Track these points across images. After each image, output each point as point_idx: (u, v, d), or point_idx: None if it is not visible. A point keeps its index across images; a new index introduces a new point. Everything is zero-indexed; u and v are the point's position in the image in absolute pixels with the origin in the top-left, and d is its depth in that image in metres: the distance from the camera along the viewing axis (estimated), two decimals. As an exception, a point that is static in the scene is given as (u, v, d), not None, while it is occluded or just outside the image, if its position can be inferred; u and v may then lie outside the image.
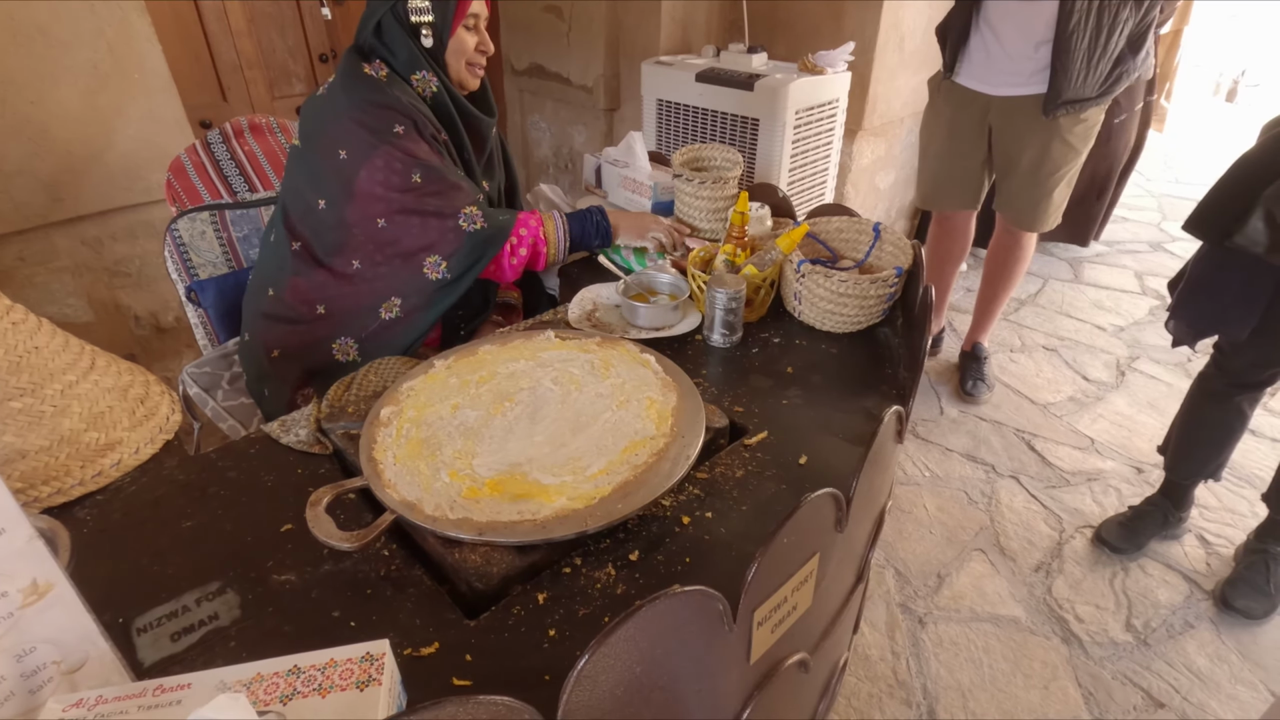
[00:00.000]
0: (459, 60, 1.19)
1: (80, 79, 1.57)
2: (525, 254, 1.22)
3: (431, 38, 1.14)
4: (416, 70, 1.16)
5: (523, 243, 1.21)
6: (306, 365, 1.18)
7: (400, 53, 1.14)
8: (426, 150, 1.14)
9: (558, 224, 1.25)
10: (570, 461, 0.80)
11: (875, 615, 1.53)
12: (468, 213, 1.15)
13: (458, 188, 1.16)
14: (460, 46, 1.18)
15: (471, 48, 1.19)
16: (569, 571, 0.72)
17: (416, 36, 1.14)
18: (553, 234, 1.24)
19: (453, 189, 1.15)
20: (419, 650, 0.63)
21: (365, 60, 1.14)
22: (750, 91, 2.02)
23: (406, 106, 1.12)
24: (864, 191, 2.79)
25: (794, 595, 0.66)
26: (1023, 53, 1.76)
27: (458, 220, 1.14)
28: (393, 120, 1.10)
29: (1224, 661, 1.44)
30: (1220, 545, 1.70)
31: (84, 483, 0.80)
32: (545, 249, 1.24)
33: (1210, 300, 1.40)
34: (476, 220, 1.15)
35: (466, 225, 1.15)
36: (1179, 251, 3.26)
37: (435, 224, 1.14)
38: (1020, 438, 2.07)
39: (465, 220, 1.15)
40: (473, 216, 1.15)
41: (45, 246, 1.66)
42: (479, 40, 1.20)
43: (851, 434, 0.92)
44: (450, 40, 1.16)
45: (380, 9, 1.12)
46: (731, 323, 1.09)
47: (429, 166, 1.13)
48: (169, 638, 0.65)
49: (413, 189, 1.12)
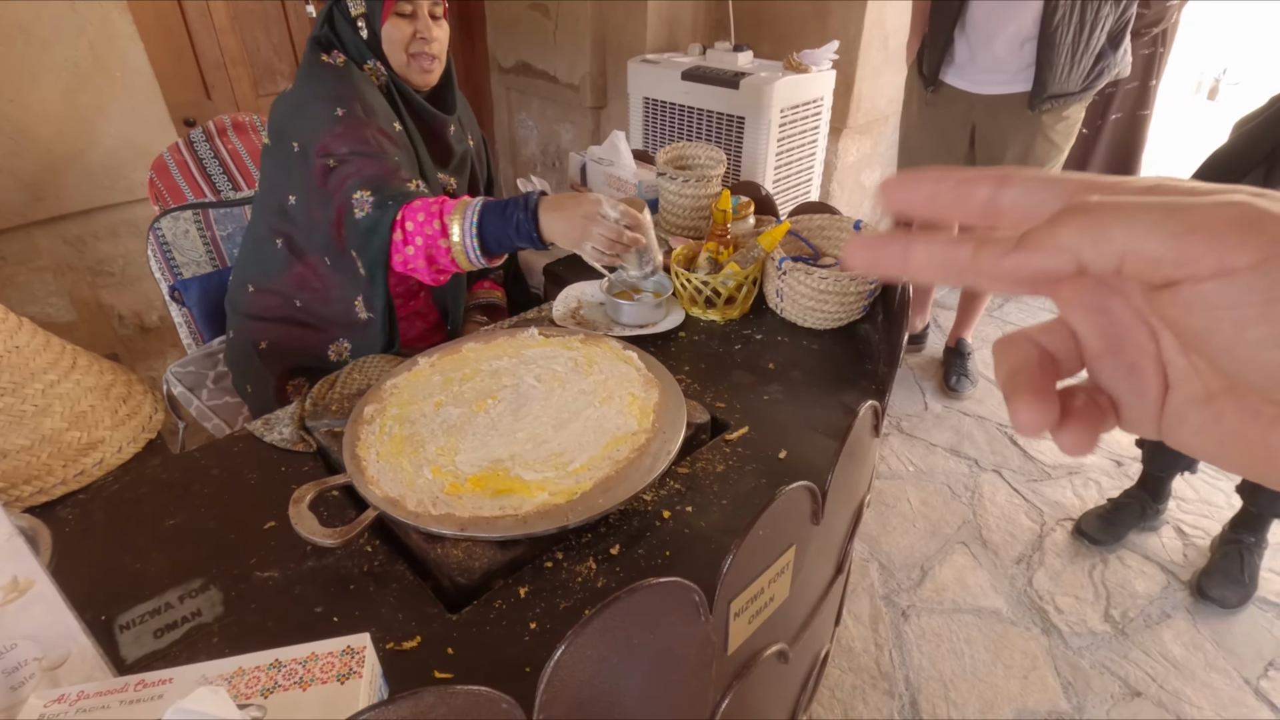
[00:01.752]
0: (396, 51, 1.12)
1: (61, 77, 1.56)
2: (422, 245, 0.99)
3: (366, 28, 1.11)
4: (366, 59, 1.13)
5: (413, 235, 0.99)
6: (292, 362, 1.18)
7: (349, 43, 1.12)
8: (358, 134, 1.05)
9: (466, 219, 0.98)
10: (552, 457, 0.81)
11: (859, 608, 1.55)
12: (359, 197, 1.01)
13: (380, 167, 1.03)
14: (394, 36, 1.11)
15: (406, 37, 1.11)
16: (550, 566, 0.73)
17: (356, 28, 1.11)
18: (456, 230, 0.98)
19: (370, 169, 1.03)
20: (401, 644, 0.64)
21: (324, 51, 1.12)
22: (735, 90, 2.03)
23: (354, 89, 1.08)
24: (849, 189, 2.81)
25: (771, 586, 0.67)
26: (1008, 50, 1.79)
27: (352, 207, 1.02)
28: (335, 104, 1.06)
29: (1199, 650, 1.47)
30: (1197, 536, 1.73)
31: (66, 482, 0.80)
32: (446, 245, 0.99)
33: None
34: (365, 205, 1.01)
35: (358, 211, 1.02)
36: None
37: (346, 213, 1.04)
38: (1003, 432, 2.10)
39: (357, 205, 1.02)
40: (362, 201, 1.01)
41: (26, 245, 1.64)
42: (417, 29, 1.11)
43: (831, 429, 0.94)
44: (382, 30, 1.11)
45: (329, 3, 1.12)
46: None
47: (351, 152, 1.04)
48: (152, 634, 0.65)
49: (334, 174, 1.04)
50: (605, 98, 2.78)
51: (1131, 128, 2.73)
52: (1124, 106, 2.67)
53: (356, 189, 1.02)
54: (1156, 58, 2.57)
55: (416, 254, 1.00)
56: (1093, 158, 2.76)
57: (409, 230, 0.99)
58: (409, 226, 0.99)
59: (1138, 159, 2.78)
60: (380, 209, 1.01)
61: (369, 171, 1.03)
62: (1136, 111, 2.69)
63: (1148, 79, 2.59)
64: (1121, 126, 2.73)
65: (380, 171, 1.03)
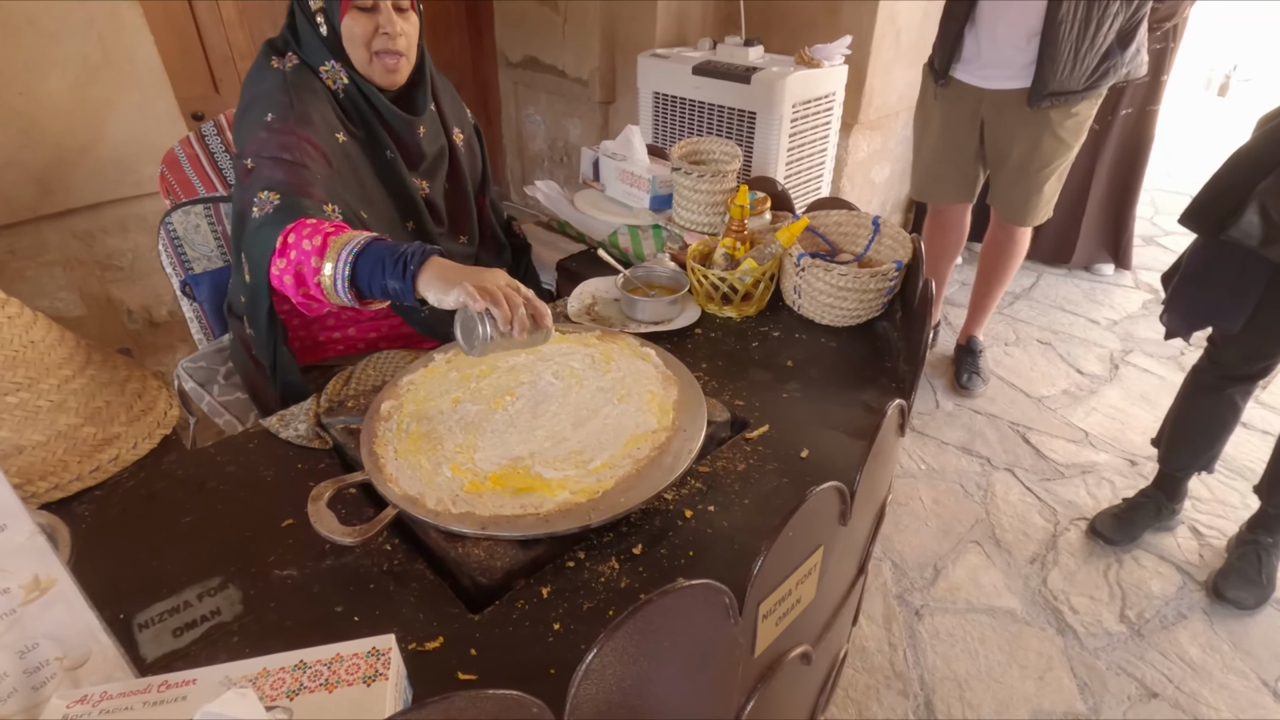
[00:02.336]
0: (357, 48, 1.04)
1: (70, 71, 1.55)
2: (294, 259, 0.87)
3: (325, 24, 1.04)
4: (324, 61, 1.06)
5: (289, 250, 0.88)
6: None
7: (307, 43, 1.06)
8: (285, 140, 0.98)
9: (346, 250, 0.84)
10: (572, 455, 0.80)
11: (872, 607, 1.54)
12: (262, 197, 0.93)
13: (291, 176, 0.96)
14: (353, 31, 1.03)
15: (368, 33, 1.03)
16: (572, 565, 0.72)
17: (316, 24, 1.05)
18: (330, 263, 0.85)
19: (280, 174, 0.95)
20: (423, 645, 0.63)
21: (278, 55, 1.08)
22: (747, 85, 2.01)
23: (289, 97, 1.02)
24: (859, 185, 2.80)
25: (798, 588, 0.66)
26: (1015, 44, 1.76)
27: (253, 207, 0.93)
28: (265, 109, 1.00)
29: (1216, 651, 1.45)
30: (1213, 537, 1.72)
31: (82, 478, 0.79)
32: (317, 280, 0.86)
33: (1204, 293, 1.41)
34: (267, 206, 0.92)
35: (258, 211, 0.92)
36: (1171, 245, 3.28)
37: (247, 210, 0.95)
38: (1015, 431, 2.08)
39: (258, 206, 0.93)
40: (265, 202, 0.93)
41: (35, 240, 1.64)
42: (378, 24, 1.03)
43: (851, 427, 0.93)
44: (341, 25, 1.03)
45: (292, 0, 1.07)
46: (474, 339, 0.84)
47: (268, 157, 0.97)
48: (171, 633, 0.64)
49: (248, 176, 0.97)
50: (614, 93, 2.76)
51: (1141, 123, 2.70)
52: (1134, 101, 2.65)
53: (264, 188, 0.94)
54: (1167, 52, 2.54)
55: (288, 267, 0.88)
56: (1102, 153, 2.74)
57: (290, 242, 0.89)
58: (290, 239, 0.89)
59: (1146, 154, 2.76)
60: (279, 213, 0.92)
61: (280, 176, 0.95)
62: (1146, 106, 2.66)
63: (1158, 74, 2.56)
64: (1131, 122, 2.70)
65: (292, 179, 0.96)
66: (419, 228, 1.20)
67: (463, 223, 1.30)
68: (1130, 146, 2.75)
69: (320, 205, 0.97)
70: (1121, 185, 2.82)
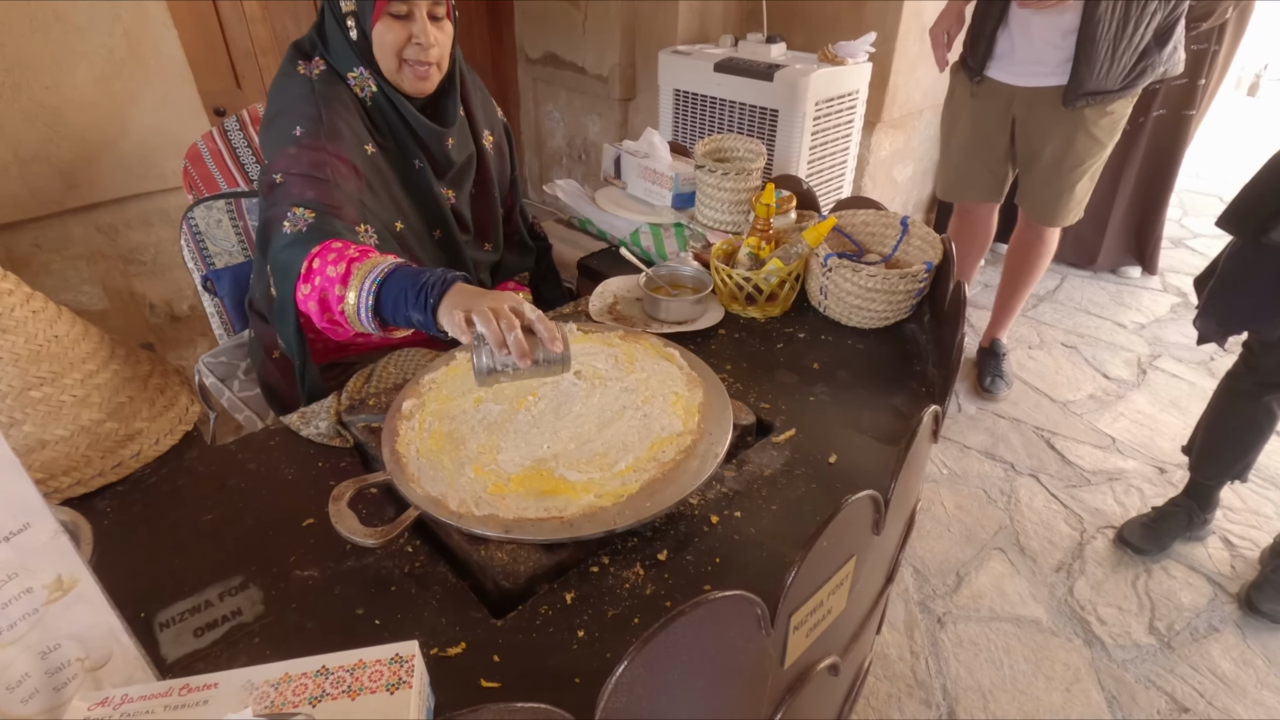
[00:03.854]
0: (388, 57, 1.02)
1: (96, 65, 1.55)
2: (319, 285, 0.87)
3: (356, 30, 1.01)
4: (352, 67, 1.03)
5: (314, 275, 0.88)
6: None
7: (336, 48, 1.03)
8: (316, 158, 0.97)
9: (370, 277, 0.83)
10: (596, 458, 0.78)
11: (894, 614, 1.51)
12: (295, 214, 0.92)
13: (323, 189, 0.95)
14: (385, 39, 1.00)
15: (400, 42, 1.00)
16: (596, 570, 0.70)
17: (346, 29, 1.02)
18: (354, 291, 0.84)
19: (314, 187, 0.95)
20: (445, 650, 0.62)
21: (305, 58, 1.06)
22: (770, 82, 1.99)
23: (317, 108, 1.00)
24: (881, 184, 2.76)
25: (830, 599, 0.64)
26: (1049, 41, 1.72)
27: (283, 223, 0.92)
28: (295, 122, 0.99)
29: (1250, 666, 1.41)
30: (1245, 548, 1.67)
31: (104, 473, 0.79)
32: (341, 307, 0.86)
33: (1242, 297, 1.37)
34: (299, 223, 0.92)
35: (289, 228, 0.92)
36: (1200, 248, 3.21)
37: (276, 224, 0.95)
38: (1039, 435, 2.04)
39: (290, 222, 0.92)
40: (297, 219, 0.92)
41: (61, 233, 1.65)
42: (411, 33, 1.00)
43: (881, 432, 0.90)
44: (373, 32, 1.00)
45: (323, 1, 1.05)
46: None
47: (299, 174, 0.96)
48: (192, 633, 0.63)
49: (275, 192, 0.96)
50: (634, 89, 2.74)
51: (1175, 126, 2.62)
52: (1168, 103, 2.57)
53: (298, 204, 0.93)
54: (1208, 55, 2.46)
55: (313, 292, 0.88)
56: (1132, 155, 2.68)
57: (314, 267, 0.88)
58: (315, 264, 0.88)
59: (1178, 159, 2.68)
60: (311, 231, 0.91)
61: (312, 195, 0.95)
62: (1182, 110, 2.59)
63: (1195, 77, 2.49)
64: (1164, 124, 2.63)
65: (324, 199, 0.95)
66: (446, 236, 1.19)
67: (488, 230, 1.29)
68: (1162, 150, 2.67)
69: (352, 226, 0.97)
70: (1150, 189, 2.75)
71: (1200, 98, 2.56)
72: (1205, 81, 2.52)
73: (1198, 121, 2.66)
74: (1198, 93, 2.53)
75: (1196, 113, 2.58)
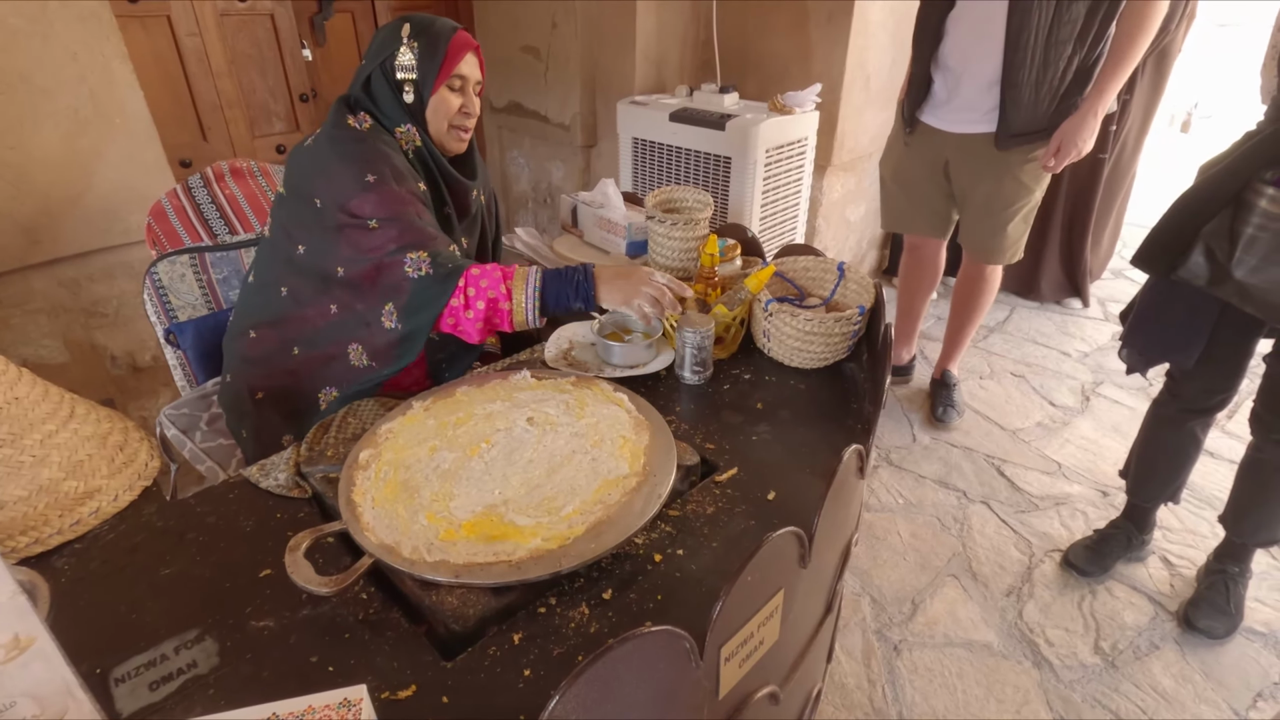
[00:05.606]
0: (439, 120, 1.19)
1: (61, 124, 1.59)
2: (483, 309, 1.09)
3: (413, 94, 1.16)
4: (401, 124, 1.17)
5: (474, 300, 1.09)
6: (289, 408, 1.19)
7: (385, 106, 1.17)
8: (395, 197, 1.10)
9: (529, 284, 1.11)
10: (545, 502, 0.82)
11: (851, 643, 1.55)
12: (414, 258, 1.09)
13: (421, 234, 1.11)
14: (441, 106, 1.18)
15: (454, 109, 1.19)
16: (544, 611, 0.74)
17: (400, 92, 1.16)
18: (520, 295, 1.10)
19: (413, 235, 1.10)
20: (396, 693, 0.65)
21: (351, 112, 1.16)
22: (722, 131, 2.09)
23: (382, 155, 1.12)
24: (835, 224, 2.88)
25: (760, 630, 0.69)
26: (977, 91, 1.84)
27: (404, 267, 1.09)
28: (365, 170, 1.10)
29: (1188, 681, 1.47)
30: (1183, 566, 1.75)
31: (62, 531, 0.80)
32: (508, 308, 1.11)
33: (1158, 329, 1.47)
34: (422, 266, 1.09)
35: (412, 271, 1.09)
36: (1138, 278, 3.36)
37: (389, 272, 1.10)
38: (990, 463, 2.12)
39: (411, 266, 1.09)
40: (419, 262, 1.09)
41: (22, 289, 1.66)
42: (464, 103, 1.19)
43: (819, 468, 0.96)
44: (431, 99, 1.17)
45: (371, 65, 1.16)
46: (703, 359, 1.12)
47: (390, 217, 1.09)
48: (147, 687, 0.65)
49: (373, 235, 1.09)
50: (595, 136, 2.84)
51: (1090, 169, 2.78)
52: None
53: (409, 250, 1.09)
54: (1120, 103, 2.64)
55: (476, 317, 1.10)
56: (1057, 196, 2.85)
57: (470, 296, 1.09)
58: (471, 292, 1.09)
59: (1094, 199, 2.85)
60: (443, 271, 1.08)
61: (412, 236, 1.10)
62: (1096, 154, 2.75)
63: (1108, 123, 2.66)
64: (1081, 167, 2.77)
65: (423, 237, 1.11)
66: None
67: None
68: (1081, 190, 2.86)
69: (452, 249, 1.14)
70: (1074, 227, 2.93)
71: (1112, 143, 2.73)
72: (1116, 127, 2.70)
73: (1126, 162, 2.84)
74: (1109, 138, 2.70)
75: (1109, 156, 2.75)
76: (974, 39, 1.78)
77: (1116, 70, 1.73)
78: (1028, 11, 1.67)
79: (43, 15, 1.51)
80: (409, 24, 1.15)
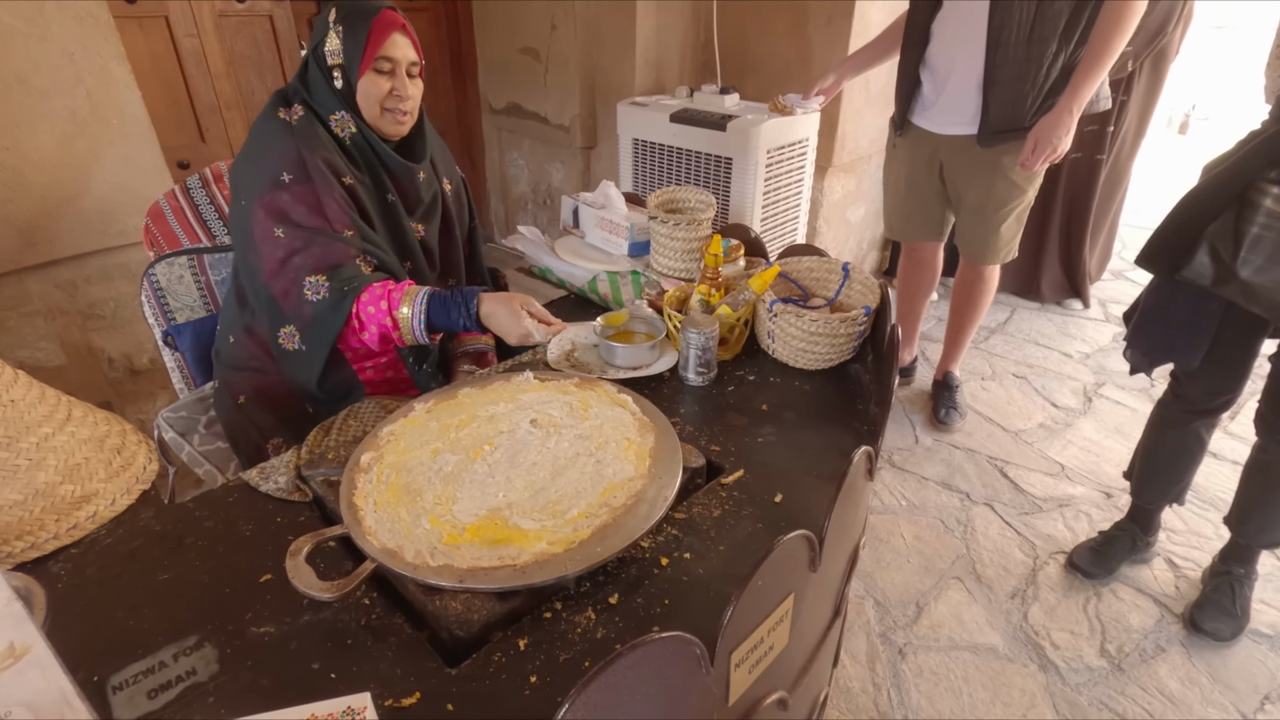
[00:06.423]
0: (371, 104, 1.15)
1: (58, 125, 1.58)
2: (375, 333, 1.12)
3: (341, 80, 1.13)
4: (334, 111, 1.15)
5: (368, 324, 1.11)
6: (273, 413, 1.19)
7: (319, 95, 1.15)
8: (308, 204, 1.09)
9: (415, 308, 1.11)
10: (549, 505, 0.81)
11: (855, 647, 1.54)
12: (312, 281, 1.09)
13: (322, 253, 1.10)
14: (370, 90, 1.14)
15: (384, 92, 1.14)
16: (549, 616, 0.73)
17: (331, 78, 1.14)
18: (405, 319, 1.11)
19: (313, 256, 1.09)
20: (400, 701, 0.64)
21: (286, 105, 1.15)
22: (723, 132, 2.08)
23: (299, 153, 1.10)
24: (835, 226, 2.87)
25: (770, 635, 0.68)
26: (963, 92, 1.83)
27: (302, 290, 1.09)
28: (280, 169, 1.08)
29: (1195, 684, 1.46)
30: (1188, 568, 1.74)
31: (58, 536, 0.79)
32: (396, 333, 1.12)
33: (1162, 329, 1.46)
34: (320, 290, 1.09)
35: (311, 295, 1.09)
36: (1139, 280, 3.37)
37: (292, 288, 1.10)
38: (993, 465, 2.11)
39: (310, 289, 1.09)
40: (317, 286, 1.09)
41: (18, 291, 1.64)
42: (394, 85, 1.14)
43: (825, 471, 0.95)
44: (359, 83, 1.13)
45: (306, 53, 1.16)
46: (707, 361, 1.11)
47: (298, 225, 1.09)
48: (146, 695, 0.64)
49: (277, 244, 1.09)
50: (595, 138, 2.83)
51: (1088, 170, 2.78)
52: (1082, 148, 2.74)
53: (309, 273, 1.09)
54: (1116, 105, 2.64)
55: (371, 338, 1.13)
56: (1056, 196, 2.85)
57: (363, 319, 1.11)
58: (362, 317, 1.11)
59: (1091, 200, 2.84)
60: (338, 295, 1.10)
61: (316, 256, 1.10)
62: (1094, 155, 2.76)
63: (1104, 125, 2.67)
64: (1079, 167, 2.79)
65: (327, 255, 1.10)
66: (415, 269, 1.28)
67: (453, 266, 1.39)
68: (1078, 191, 2.86)
69: (355, 264, 1.13)
70: (1072, 228, 2.94)
71: (1110, 144, 2.73)
72: (1114, 129, 2.69)
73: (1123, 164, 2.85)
74: (1106, 139, 2.70)
75: (1106, 158, 2.75)
76: (959, 40, 1.78)
77: (1091, 69, 1.69)
78: (1009, 9, 1.67)
79: (40, 16, 1.49)
80: (335, 8, 1.12)
